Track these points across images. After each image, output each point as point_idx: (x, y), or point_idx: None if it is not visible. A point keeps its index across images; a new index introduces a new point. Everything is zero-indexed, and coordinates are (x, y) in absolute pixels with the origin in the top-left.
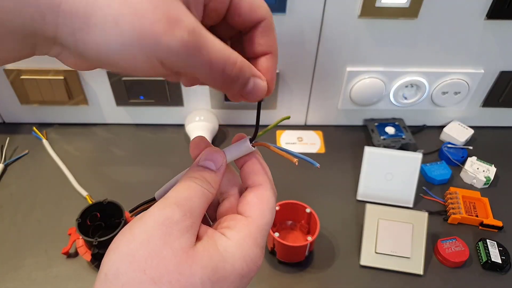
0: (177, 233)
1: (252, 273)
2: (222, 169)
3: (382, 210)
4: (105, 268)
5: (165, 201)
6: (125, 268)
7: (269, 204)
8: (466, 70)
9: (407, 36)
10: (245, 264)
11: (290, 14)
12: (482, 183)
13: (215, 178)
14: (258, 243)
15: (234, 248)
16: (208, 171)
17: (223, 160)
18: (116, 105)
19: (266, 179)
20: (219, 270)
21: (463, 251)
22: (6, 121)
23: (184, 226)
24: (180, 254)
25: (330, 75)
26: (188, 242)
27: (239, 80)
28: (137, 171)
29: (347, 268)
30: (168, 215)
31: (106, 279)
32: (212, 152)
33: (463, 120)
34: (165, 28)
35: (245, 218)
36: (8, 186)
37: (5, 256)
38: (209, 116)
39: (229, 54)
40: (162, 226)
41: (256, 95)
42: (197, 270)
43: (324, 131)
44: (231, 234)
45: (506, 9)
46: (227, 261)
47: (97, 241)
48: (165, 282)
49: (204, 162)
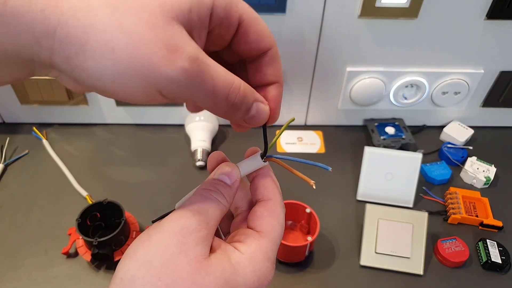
0: (193, 242)
1: (263, 287)
2: (236, 184)
3: (382, 210)
4: (121, 272)
5: (182, 211)
6: (141, 274)
7: (279, 218)
8: (466, 70)
9: (407, 36)
10: (256, 278)
11: (290, 14)
12: (482, 183)
13: (230, 192)
14: (269, 257)
15: (246, 262)
16: (223, 185)
17: (237, 175)
18: (116, 105)
19: (276, 193)
20: (231, 283)
21: (463, 251)
22: (6, 121)
23: (199, 236)
24: (194, 264)
25: (330, 75)
26: (202, 252)
27: (243, 106)
28: (137, 171)
29: (347, 268)
30: (184, 224)
31: (122, 283)
32: (227, 167)
33: (463, 120)
34: (164, 57)
35: (257, 233)
36: (8, 186)
37: (5, 256)
38: (209, 116)
39: (232, 81)
40: (178, 235)
41: (260, 120)
42: (210, 280)
43: (324, 131)
44: (243, 248)
45: (506, 9)
46: (239, 274)
47: (97, 241)
48: None
49: (220, 176)
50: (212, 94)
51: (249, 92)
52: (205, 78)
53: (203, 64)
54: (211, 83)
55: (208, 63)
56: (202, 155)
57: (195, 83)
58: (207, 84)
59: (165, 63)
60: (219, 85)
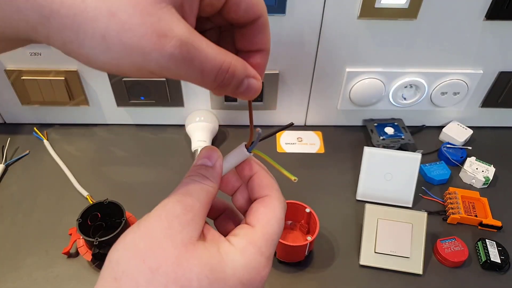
0: (178, 227)
1: (255, 283)
2: (218, 164)
3: (381, 210)
4: (110, 255)
5: (167, 198)
6: (126, 257)
7: (275, 213)
8: (465, 70)
9: (406, 36)
10: (247, 271)
11: (289, 15)
12: (481, 183)
13: (213, 173)
14: (263, 252)
15: (237, 254)
16: (204, 167)
17: (217, 155)
18: (116, 106)
19: (273, 190)
20: (217, 271)
21: (462, 251)
22: (7, 122)
23: (185, 219)
24: (180, 247)
25: (329, 76)
26: (188, 236)
27: (232, 84)
28: (137, 171)
29: (346, 268)
30: (169, 209)
31: (109, 265)
32: (206, 150)
33: (462, 121)
34: (154, 43)
35: (250, 227)
36: (9, 187)
37: (5, 256)
38: (209, 117)
39: (221, 61)
40: (164, 220)
41: (249, 95)
42: (195, 266)
43: (324, 132)
44: (235, 241)
45: (505, 10)
46: (228, 264)
47: (97, 241)
48: (161, 273)
49: (200, 161)
50: (201, 76)
51: (240, 69)
52: (193, 61)
53: (192, 48)
54: (199, 66)
55: (197, 45)
56: None
57: (183, 67)
58: (195, 66)
59: (155, 48)
60: (208, 67)
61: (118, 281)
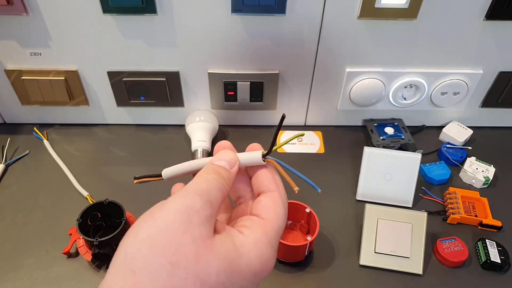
0: (198, 222)
1: (264, 273)
2: (235, 169)
3: (381, 210)
4: (124, 249)
5: (186, 191)
6: (145, 251)
7: (283, 209)
8: (465, 70)
9: (406, 36)
10: (259, 263)
11: (290, 15)
12: (481, 183)
13: (229, 176)
14: (272, 244)
15: (251, 246)
16: (223, 169)
17: (236, 161)
18: (116, 106)
19: (280, 186)
20: (234, 265)
21: (462, 251)
22: (7, 122)
23: (204, 215)
24: (199, 243)
25: (329, 76)
26: (206, 231)
27: None
28: (137, 171)
29: (346, 268)
30: (189, 203)
31: (125, 259)
32: (227, 153)
33: (462, 121)
34: None
35: (261, 219)
36: (9, 186)
37: (6, 256)
38: (209, 117)
39: None
40: (183, 214)
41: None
42: (214, 261)
43: (324, 132)
44: (248, 233)
45: (505, 10)
46: (243, 257)
47: (97, 241)
48: (182, 268)
49: (219, 162)
50: None
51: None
52: None
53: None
54: None
55: None
56: (202, 155)
57: None
58: None
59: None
60: None
61: (136, 274)
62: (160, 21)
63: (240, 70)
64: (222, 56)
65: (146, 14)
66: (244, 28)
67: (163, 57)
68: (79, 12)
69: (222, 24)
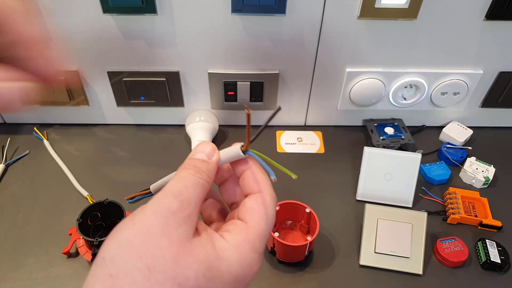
0: (175, 224)
1: (248, 278)
2: (214, 158)
3: (381, 210)
4: (103, 252)
5: (163, 193)
6: (122, 254)
7: (267, 210)
8: (465, 70)
9: (406, 37)
10: (241, 268)
11: (290, 15)
12: (481, 183)
13: (208, 167)
14: (256, 248)
15: (232, 251)
16: (200, 161)
17: (213, 150)
18: (116, 106)
19: (266, 186)
20: (213, 269)
21: (462, 251)
22: (7, 121)
23: (182, 216)
24: (177, 245)
25: (329, 76)
26: (185, 233)
27: None
28: (137, 171)
29: (346, 268)
30: (166, 205)
31: (103, 262)
32: (203, 144)
33: (462, 121)
34: None
35: (244, 224)
36: (9, 186)
37: (6, 256)
38: (209, 117)
39: None
40: (160, 216)
41: None
42: (193, 264)
43: (324, 132)
44: (229, 237)
45: (505, 10)
46: (223, 262)
47: (97, 241)
48: (159, 271)
49: (197, 155)
50: None
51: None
52: None
53: None
54: None
55: None
56: None
57: None
58: None
59: None
60: None
61: (114, 278)
62: (160, 21)
63: (240, 70)
64: (222, 56)
65: (146, 14)
66: (244, 28)
67: (163, 57)
68: (79, 12)
69: (222, 24)
